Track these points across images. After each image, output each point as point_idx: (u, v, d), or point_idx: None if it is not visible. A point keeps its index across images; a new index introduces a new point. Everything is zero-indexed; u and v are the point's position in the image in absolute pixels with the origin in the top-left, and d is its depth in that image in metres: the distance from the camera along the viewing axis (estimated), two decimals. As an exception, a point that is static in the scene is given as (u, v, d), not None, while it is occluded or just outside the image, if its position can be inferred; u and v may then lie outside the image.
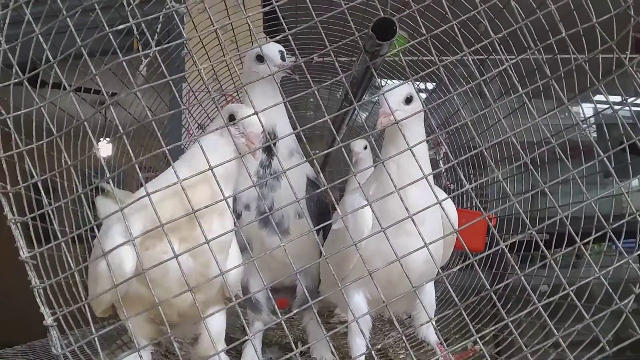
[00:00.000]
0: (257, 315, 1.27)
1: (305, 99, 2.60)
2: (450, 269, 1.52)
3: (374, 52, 0.83)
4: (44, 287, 0.77)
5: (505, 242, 0.74)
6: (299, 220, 1.22)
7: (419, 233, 0.74)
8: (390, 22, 0.78)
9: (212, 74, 1.76)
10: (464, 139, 1.78)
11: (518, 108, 1.42)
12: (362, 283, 1.03)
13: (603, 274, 0.75)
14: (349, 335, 1.10)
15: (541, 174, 1.45)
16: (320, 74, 1.97)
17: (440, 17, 1.18)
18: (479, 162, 1.74)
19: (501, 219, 1.56)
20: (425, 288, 1.11)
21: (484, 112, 1.39)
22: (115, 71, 1.28)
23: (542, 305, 0.77)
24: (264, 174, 1.20)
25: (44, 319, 0.79)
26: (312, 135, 2.51)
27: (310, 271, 1.26)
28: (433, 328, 1.12)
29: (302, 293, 1.28)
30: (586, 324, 0.74)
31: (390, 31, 0.78)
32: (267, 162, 1.21)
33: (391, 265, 0.78)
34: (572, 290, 0.74)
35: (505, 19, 1.04)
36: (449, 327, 1.35)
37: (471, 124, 0.95)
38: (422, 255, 0.92)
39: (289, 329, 1.72)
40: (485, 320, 1.34)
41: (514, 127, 1.33)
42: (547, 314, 0.88)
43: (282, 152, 1.22)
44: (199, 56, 1.58)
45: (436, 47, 1.50)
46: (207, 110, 2.00)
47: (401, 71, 1.77)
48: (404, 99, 1.00)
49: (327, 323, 1.78)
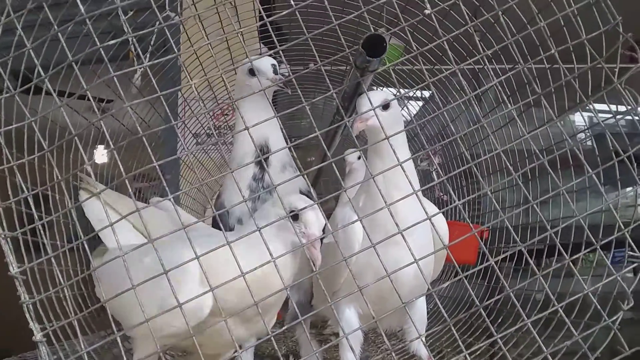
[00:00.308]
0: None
1: (301, 108, 2.60)
2: (441, 282, 1.52)
3: (364, 68, 0.83)
4: (33, 302, 0.76)
5: (495, 258, 0.74)
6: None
7: (409, 248, 0.74)
8: (380, 39, 0.78)
9: (206, 85, 1.76)
10: (456, 150, 1.78)
11: (508, 122, 1.43)
12: (353, 298, 1.03)
13: (592, 290, 0.75)
14: (340, 349, 1.10)
15: (538, 183, 1.47)
16: (315, 84, 1.98)
17: (433, 31, 1.18)
18: (472, 173, 1.73)
19: (495, 229, 1.56)
20: (417, 303, 1.11)
21: (478, 124, 1.38)
22: (108, 82, 1.28)
23: (534, 318, 0.77)
24: (256, 188, 1.20)
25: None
26: (308, 144, 2.50)
27: (303, 285, 1.26)
28: (423, 342, 1.13)
29: (293, 307, 1.28)
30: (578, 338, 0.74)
31: (381, 48, 0.78)
32: (260, 175, 1.21)
33: (382, 280, 0.78)
34: (562, 307, 0.74)
35: (497, 31, 1.05)
36: (441, 340, 1.35)
37: (464, 136, 0.96)
38: (412, 269, 0.93)
39: (282, 341, 1.71)
40: (477, 334, 1.33)
41: (511, 136, 1.34)
42: (542, 325, 0.88)
43: (274, 166, 1.22)
44: (193, 67, 1.58)
45: (429, 58, 1.49)
46: (201, 121, 2.00)
47: (393, 81, 1.77)
48: (381, 106, 1.00)
49: (320, 334, 1.77)
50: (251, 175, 1.20)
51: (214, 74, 1.36)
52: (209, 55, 1.54)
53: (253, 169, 1.20)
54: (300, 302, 1.21)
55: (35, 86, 1.06)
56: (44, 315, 0.80)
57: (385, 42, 0.78)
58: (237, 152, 1.23)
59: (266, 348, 1.60)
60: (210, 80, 1.74)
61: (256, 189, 1.20)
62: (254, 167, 1.20)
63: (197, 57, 1.57)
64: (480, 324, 1.33)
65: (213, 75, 1.43)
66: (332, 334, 1.75)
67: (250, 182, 1.20)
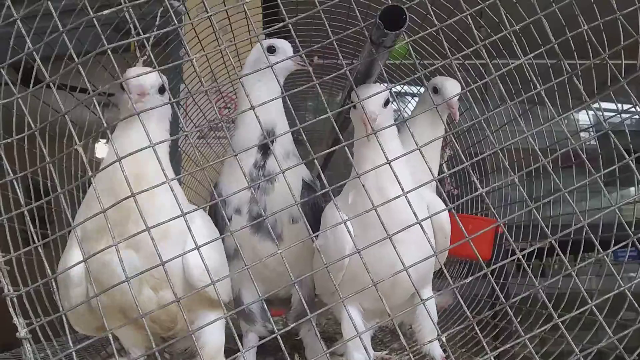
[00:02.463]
0: (251, 326, 1.21)
1: (303, 102, 2.55)
2: (446, 279, 1.47)
3: (380, 43, 0.77)
4: (18, 295, 0.70)
5: (522, 252, 0.69)
6: (293, 226, 1.14)
7: (398, 256, 0.70)
8: (399, 11, 0.72)
9: (208, 72, 1.71)
10: (464, 144, 1.73)
11: (509, 121, 1.43)
12: (354, 296, 0.97)
13: (628, 287, 0.69)
14: (346, 349, 1.04)
15: (545, 181, 1.44)
16: (321, 76, 1.92)
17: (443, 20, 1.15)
18: (480, 168, 1.70)
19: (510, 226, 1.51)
20: (413, 298, 1.05)
21: (486, 118, 1.36)
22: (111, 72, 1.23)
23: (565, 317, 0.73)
24: (257, 176, 1.13)
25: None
26: (311, 138, 2.45)
27: (305, 281, 1.19)
28: (437, 342, 1.07)
29: (297, 303, 1.21)
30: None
31: (400, 20, 0.72)
32: (262, 162, 1.14)
33: (378, 277, 0.72)
34: (594, 306, 0.68)
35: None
36: (454, 340, 1.29)
37: (472, 129, 0.92)
38: (409, 263, 0.88)
39: (285, 338, 1.65)
40: (486, 332, 1.28)
41: (516, 133, 1.32)
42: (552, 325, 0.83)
43: (278, 153, 1.15)
44: (195, 51, 1.54)
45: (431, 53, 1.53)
46: (205, 112, 1.95)
47: (402, 75, 1.76)
48: (383, 102, 0.97)
49: (324, 332, 1.71)
50: (252, 162, 1.13)
51: (215, 48, 1.30)
52: (212, 38, 1.51)
53: (255, 156, 1.13)
54: (304, 298, 1.15)
55: (36, 78, 1.02)
56: (30, 310, 0.75)
57: (405, 15, 0.72)
58: (240, 136, 1.16)
59: (269, 346, 1.54)
60: (213, 66, 1.68)
61: (256, 177, 1.13)
62: (256, 153, 1.13)
63: (199, 40, 1.52)
64: (489, 321, 1.29)
65: (215, 51, 1.37)
66: (335, 333, 1.69)
67: (250, 169, 1.13)
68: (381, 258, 0.90)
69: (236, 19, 1.51)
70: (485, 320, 1.31)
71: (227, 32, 1.58)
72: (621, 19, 0.80)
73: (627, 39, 0.83)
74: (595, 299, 0.75)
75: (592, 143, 1.51)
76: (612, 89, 0.85)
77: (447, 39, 0.89)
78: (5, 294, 0.69)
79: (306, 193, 1.16)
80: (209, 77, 1.76)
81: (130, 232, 0.74)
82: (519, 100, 0.85)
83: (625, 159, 0.79)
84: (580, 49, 1.04)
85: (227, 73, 1.71)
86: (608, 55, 0.80)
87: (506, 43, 1.00)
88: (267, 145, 1.10)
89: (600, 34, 0.93)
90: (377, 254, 0.87)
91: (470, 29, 0.80)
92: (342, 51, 0.80)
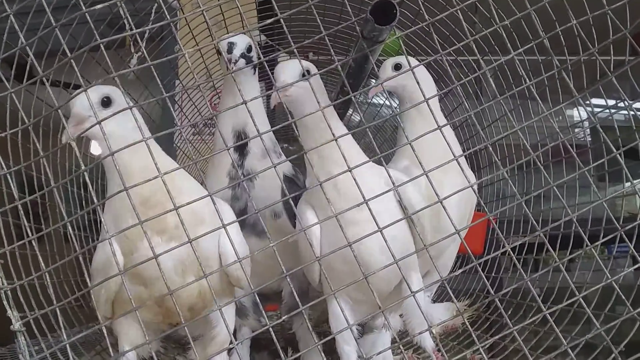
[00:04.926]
0: (244, 320, 1.22)
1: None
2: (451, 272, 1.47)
3: (372, 39, 0.78)
4: (12, 288, 0.71)
5: (511, 245, 0.70)
6: (275, 221, 1.16)
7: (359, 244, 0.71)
8: (390, 5, 0.73)
9: (202, 67, 1.72)
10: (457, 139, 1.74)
11: (500, 117, 1.45)
12: (339, 288, 0.96)
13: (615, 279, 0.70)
14: (337, 344, 1.05)
15: (538, 176, 1.45)
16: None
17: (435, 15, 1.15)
18: (472, 163, 1.71)
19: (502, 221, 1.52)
20: (402, 287, 1.04)
21: (477, 112, 1.37)
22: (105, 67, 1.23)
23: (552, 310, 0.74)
24: (236, 175, 1.15)
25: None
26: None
27: (296, 274, 1.19)
28: (428, 333, 1.06)
29: (288, 297, 1.23)
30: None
31: (391, 15, 0.73)
32: (240, 162, 1.15)
33: (353, 265, 0.74)
34: (583, 298, 0.69)
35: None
36: (445, 333, 1.30)
37: (466, 126, 0.92)
38: (376, 245, 0.90)
39: (279, 332, 1.66)
40: (477, 325, 1.29)
41: (508, 128, 1.33)
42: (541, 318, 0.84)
43: (254, 152, 1.16)
44: (189, 47, 1.54)
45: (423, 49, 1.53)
46: (199, 108, 1.95)
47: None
48: (300, 74, 0.90)
49: (318, 326, 1.71)
50: (230, 162, 1.15)
51: (208, 43, 1.29)
52: (206, 34, 1.51)
53: (232, 155, 1.15)
54: (296, 291, 1.15)
55: (30, 74, 1.01)
56: (25, 303, 0.75)
57: (396, 9, 0.73)
58: (217, 138, 1.17)
59: (263, 339, 1.54)
60: (208, 64, 1.69)
61: (236, 176, 1.14)
62: (233, 153, 1.15)
63: (194, 36, 1.52)
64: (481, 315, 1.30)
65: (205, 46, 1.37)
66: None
67: (229, 168, 1.15)
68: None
69: (230, 14, 1.51)
70: (477, 313, 1.32)
71: (221, 28, 1.59)
72: (610, 13, 0.80)
73: (616, 34, 0.84)
74: (584, 291, 0.76)
75: (588, 139, 1.53)
76: (599, 83, 0.86)
77: (440, 35, 0.90)
78: (0, 287, 0.70)
79: (288, 186, 1.17)
80: (204, 73, 1.76)
81: (168, 223, 0.86)
82: (509, 94, 0.85)
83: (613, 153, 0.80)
84: (572, 44, 1.05)
85: (221, 69, 1.71)
86: (597, 51, 0.81)
87: (499, 39, 1.01)
88: (243, 146, 1.12)
89: (590, 29, 0.94)
90: (342, 240, 0.78)
91: (463, 25, 0.80)
92: (336, 47, 0.81)
